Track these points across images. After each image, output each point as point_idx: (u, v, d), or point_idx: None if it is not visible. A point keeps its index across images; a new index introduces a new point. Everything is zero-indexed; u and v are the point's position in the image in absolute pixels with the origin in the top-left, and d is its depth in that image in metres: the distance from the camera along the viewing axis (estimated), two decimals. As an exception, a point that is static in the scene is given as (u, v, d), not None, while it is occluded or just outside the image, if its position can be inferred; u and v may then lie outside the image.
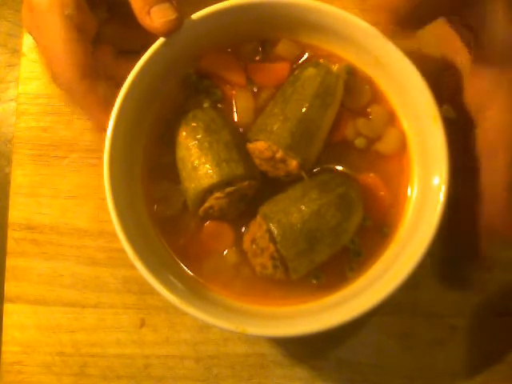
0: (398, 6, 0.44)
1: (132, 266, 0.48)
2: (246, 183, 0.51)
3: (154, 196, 0.54)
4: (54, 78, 0.54)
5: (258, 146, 0.52)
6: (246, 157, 0.53)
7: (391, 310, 0.58)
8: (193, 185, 0.51)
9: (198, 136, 0.52)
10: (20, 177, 0.62)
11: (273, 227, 0.49)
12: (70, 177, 0.62)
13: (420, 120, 0.50)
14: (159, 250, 0.53)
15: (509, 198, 0.46)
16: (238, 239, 0.53)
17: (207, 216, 0.53)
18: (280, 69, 0.56)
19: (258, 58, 0.57)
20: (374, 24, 0.50)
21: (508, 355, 0.58)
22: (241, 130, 0.55)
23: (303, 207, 0.50)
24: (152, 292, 0.51)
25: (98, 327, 0.59)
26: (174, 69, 0.55)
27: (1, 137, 0.69)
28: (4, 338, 0.60)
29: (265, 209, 0.51)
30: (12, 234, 0.61)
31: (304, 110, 0.52)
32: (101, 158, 0.50)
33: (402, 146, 0.55)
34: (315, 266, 0.51)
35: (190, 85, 0.56)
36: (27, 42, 0.65)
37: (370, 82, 0.55)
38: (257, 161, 0.53)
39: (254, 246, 0.50)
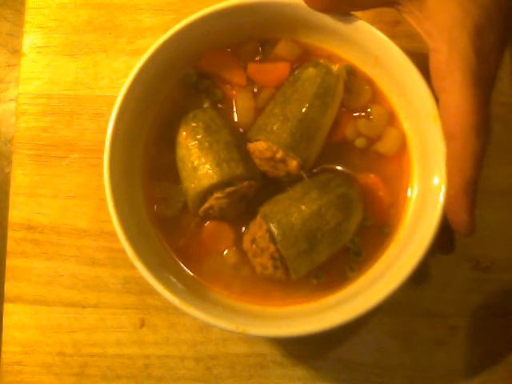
0: None
1: (132, 266, 0.48)
2: (246, 183, 0.51)
3: (154, 196, 0.54)
4: None
5: (258, 146, 0.52)
6: (246, 157, 0.53)
7: (391, 309, 0.58)
8: (193, 185, 0.51)
9: (198, 136, 0.52)
10: (20, 177, 0.62)
11: (273, 227, 0.49)
12: (70, 177, 0.62)
13: (420, 120, 0.50)
14: (159, 250, 0.53)
15: (468, 196, 0.45)
16: (238, 239, 0.53)
17: (207, 216, 0.53)
18: (280, 69, 0.56)
19: (257, 58, 0.57)
20: (374, 24, 0.50)
21: (508, 355, 0.58)
22: (241, 130, 0.55)
23: (303, 207, 0.50)
24: (152, 292, 0.51)
25: (98, 327, 0.59)
26: (174, 69, 0.55)
27: (1, 137, 0.69)
28: (4, 338, 0.60)
29: (265, 209, 0.51)
30: (12, 234, 0.61)
31: (304, 110, 0.52)
32: (101, 158, 0.50)
33: (402, 146, 0.55)
34: (315, 266, 0.51)
35: (190, 85, 0.56)
36: (27, 41, 0.65)
37: (370, 81, 0.55)
38: (257, 161, 0.53)
39: (254, 246, 0.50)
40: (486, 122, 0.44)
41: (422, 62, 0.48)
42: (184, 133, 0.53)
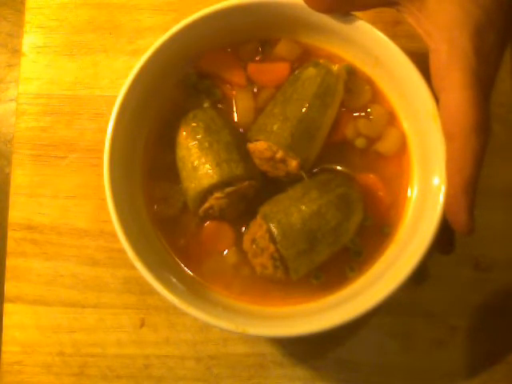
0: None
1: (132, 266, 0.48)
2: (245, 183, 0.51)
3: (154, 196, 0.54)
4: None
5: (258, 146, 0.52)
6: (246, 157, 0.53)
7: (391, 309, 0.58)
8: (193, 185, 0.51)
9: (198, 136, 0.52)
10: (20, 177, 0.62)
11: (273, 227, 0.49)
12: (69, 177, 0.62)
13: (420, 120, 0.50)
14: (159, 250, 0.53)
15: (468, 196, 0.45)
16: (238, 239, 0.53)
17: (207, 216, 0.53)
18: (280, 69, 0.56)
19: (258, 58, 0.57)
20: (374, 24, 0.50)
21: (508, 355, 0.58)
22: (241, 130, 0.55)
23: (303, 207, 0.50)
24: (152, 292, 0.51)
25: (98, 327, 0.59)
26: (174, 69, 0.55)
27: (1, 137, 0.69)
28: (4, 338, 0.60)
29: (265, 209, 0.51)
30: (12, 234, 0.61)
31: (304, 110, 0.52)
32: (101, 158, 0.50)
33: (402, 146, 0.55)
34: (315, 266, 0.51)
35: (190, 85, 0.56)
36: (27, 41, 0.65)
37: (370, 81, 0.55)
38: (257, 161, 0.53)
39: (254, 246, 0.50)
40: (486, 122, 0.44)
41: (422, 61, 0.48)
42: (184, 133, 0.53)
